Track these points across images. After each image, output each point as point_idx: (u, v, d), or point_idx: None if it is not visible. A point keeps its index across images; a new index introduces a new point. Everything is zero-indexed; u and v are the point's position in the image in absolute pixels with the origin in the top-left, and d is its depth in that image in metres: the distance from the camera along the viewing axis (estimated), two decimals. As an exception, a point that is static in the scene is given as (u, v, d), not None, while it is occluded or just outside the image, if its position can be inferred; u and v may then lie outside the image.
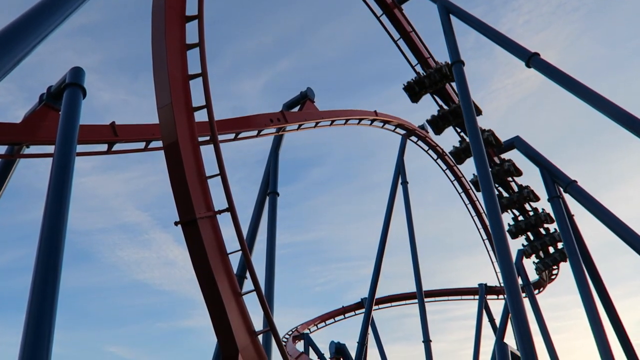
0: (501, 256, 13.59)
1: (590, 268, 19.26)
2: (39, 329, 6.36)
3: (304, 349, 30.32)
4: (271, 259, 18.54)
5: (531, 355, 11.91)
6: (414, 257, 30.24)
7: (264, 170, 21.67)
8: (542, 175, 20.24)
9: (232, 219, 9.23)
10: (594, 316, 16.41)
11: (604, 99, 14.86)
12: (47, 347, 6.30)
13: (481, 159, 15.42)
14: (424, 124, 32.92)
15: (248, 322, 8.96)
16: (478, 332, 32.89)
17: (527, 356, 11.85)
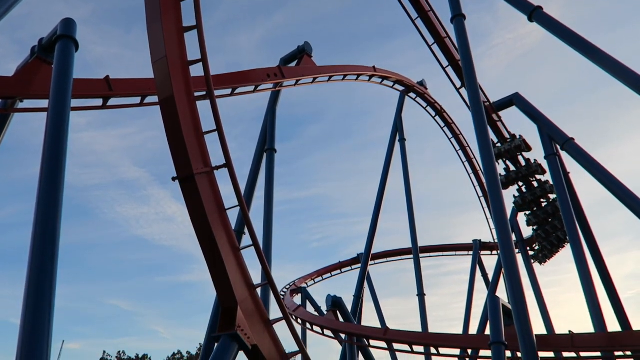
0: (496, 213, 13.76)
1: (583, 225, 19.54)
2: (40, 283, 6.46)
3: (302, 302, 31.04)
4: (269, 215, 18.71)
5: (522, 308, 12.25)
6: (410, 213, 30.58)
7: (261, 127, 21.53)
8: (539, 133, 20.22)
9: (230, 175, 9.24)
10: (584, 271, 16.78)
11: (605, 54, 14.68)
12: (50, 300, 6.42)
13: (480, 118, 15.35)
14: (422, 80, 32.61)
15: (246, 276, 9.14)
16: (471, 287, 33.71)
17: (518, 309, 12.19)
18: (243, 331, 8.48)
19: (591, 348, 13.66)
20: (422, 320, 27.43)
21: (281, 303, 10.18)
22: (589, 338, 13.77)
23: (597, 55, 14.82)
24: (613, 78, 14.43)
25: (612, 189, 16.50)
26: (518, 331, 11.96)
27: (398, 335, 17.57)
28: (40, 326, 6.17)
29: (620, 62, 14.36)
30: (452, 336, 17.40)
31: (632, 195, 15.78)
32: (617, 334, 15.11)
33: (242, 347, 8.57)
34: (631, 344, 13.80)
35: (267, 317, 9.54)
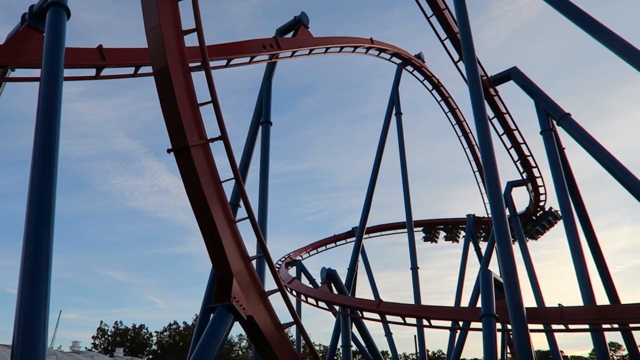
0: (490, 187, 13.83)
1: (576, 200, 19.71)
2: (37, 253, 6.47)
3: (297, 274, 31.44)
4: (264, 188, 18.70)
5: (513, 282, 12.45)
6: (404, 187, 30.71)
7: (257, 99, 21.32)
8: (536, 108, 20.19)
9: (225, 147, 9.19)
10: (575, 246, 17.01)
11: (604, 27, 14.58)
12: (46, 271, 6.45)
13: (477, 92, 15.27)
14: (420, 53, 32.27)
15: (242, 248, 9.20)
16: (464, 260, 34.21)
17: (509, 282, 12.39)
18: (238, 302, 8.58)
19: (579, 321, 13.95)
20: (415, 293, 27.86)
21: (276, 275, 10.28)
22: (577, 311, 14.04)
23: (596, 28, 14.72)
24: (611, 52, 14.37)
25: (606, 164, 16.58)
26: (509, 304, 12.19)
27: (391, 308, 17.88)
28: (37, 296, 6.21)
29: (618, 36, 14.26)
30: (444, 308, 17.70)
31: (626, 171, 15.87)
32: (605, 308, 15.40)
33: (238, 318, 8.69)
34: (618, 317, 14.10)
35: (263, 288, 9.65)
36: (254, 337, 9.31)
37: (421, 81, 32.34)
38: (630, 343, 17.63)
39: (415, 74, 31.99)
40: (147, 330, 59.96)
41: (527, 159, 26.38)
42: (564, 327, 13.90)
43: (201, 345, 8.17)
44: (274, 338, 9.30)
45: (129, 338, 58.04)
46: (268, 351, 9.31)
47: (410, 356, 67.82)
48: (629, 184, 15.51)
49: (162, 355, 55.93)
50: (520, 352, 11.66)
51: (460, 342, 23.01)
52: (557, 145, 19.74)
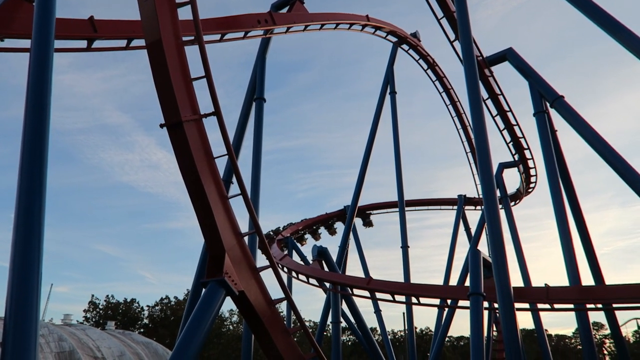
0: (482, 168, 13.92)
1: (566, 182, 19.92)
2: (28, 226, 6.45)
3: (288, 252, 31.66)
4: (257, 165, 18.68)
5: (501, 262, 12.64)
6: (397, 167, 30.80)
7: (251, 75, 21.12)
8: (530, 89, 20.20)
9: (219, 123, 9.14)
10: (563, 227, 17.23)
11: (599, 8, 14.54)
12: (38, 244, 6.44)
13: (472, 72, 15.23)
14: (416, 32, 32.00)
15: (234, 224, 9.24)
16: (454, 240, 34.58)
17: (498, 262, 12.59)
18: (230, 277, 8.66)
19: (564, 300, 14.25)
20: (405, 271, 28.22)
21: (268, 251, 10.37)
22: (562, 291, 14.34)
23: (591, 9, 14.68)
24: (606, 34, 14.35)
25: (597, 147, 16.68)
26: (496, 283, 12.40)
27: (381, 285, 18.11)
28: (29, 269, 6.22)
29: (614, 18, 14.23)
30: (433, 287, 17.98)
31: (616, 155, 15.99)
32: (590, 288, 15.72)
33: (230, 293, 8.77)
34: (602, 297, 14.43)
35: (254, 264, 9.73)
36: (246, 312, 9.43)
37: (416, 60, 32.14)
38: (613, 323, 18.08)
39: (410, 53, 31.76)
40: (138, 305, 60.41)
41: (520, 140, 26.46)
42: (550, 307, 14.19)
43: (193, 320, 8.27)
44: (265, 313, 9.43)
45: (120, 312, 58.44)
46: (259, 326, 9.44)
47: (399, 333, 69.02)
48: (618, 167, 15.65)
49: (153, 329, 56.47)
50: (506, 330, 11.92)
51: (447, 320, 23.43)
52: (550, 128, 19.82)
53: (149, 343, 35.67)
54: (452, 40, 22.96)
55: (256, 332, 9.68)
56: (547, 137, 19.15)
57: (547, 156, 18.82)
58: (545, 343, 25.70)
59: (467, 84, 15.20)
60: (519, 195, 33.44)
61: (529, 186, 31.99)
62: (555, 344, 65.83)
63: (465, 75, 15.38)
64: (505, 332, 11.95)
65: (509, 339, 11.85)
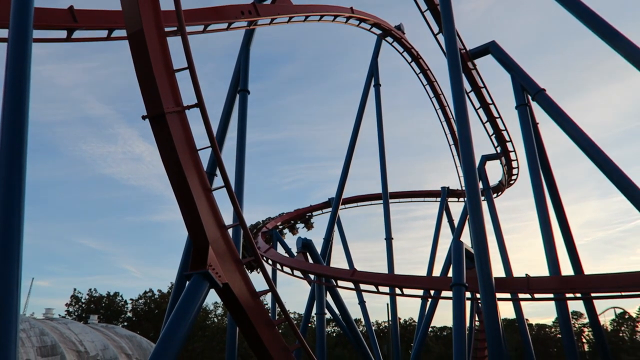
0: (465, 161, 14.06)
1: (547, 174, 20.23)
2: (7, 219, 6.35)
3: (272, 244, 31.66)
4: (241, 157, 18.62)
5: (483, 253, 12.83)
6: (381, 159, 30.95)
7: (234, 67, 20.99)
8: (512, 82, 20.39)
9: (202, 114, 9.06)
10: (544, 218, 17.53)
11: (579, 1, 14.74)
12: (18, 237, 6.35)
13: (455, 65, 15.33)
14: (400, 25, 32.05)
15: (218, 217, 9.20)
16: (437, 231, 34.96)
17: (480, 253, 12.78)
18: (214, 270, 8.64)
19: (544, 290, 14.50)
20: (389, 263, 28.47)
21: (252, 243, 10.37)
22: (543, 281, 14.59)
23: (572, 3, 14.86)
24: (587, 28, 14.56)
25: (577, 140, 16.93)
26: (478, 274, 12.59)
27: (365, 277, 18.24)
28: (8, 263, 6.13)
29: (595, 13, 14.43)
30: (416, 277, 18.16)
31: (596, 148, 16.26)
32: (569, 278, 16.05)
33: (214, 285, 8.76)
34: (581, 287, 14.74)
35: (238, 256, 9.71)
36: (230, 305, 9.43)
37: (400, 53, 32.22)
38: (592, 312, 18.49)
39: (394, 45, 31.82)
40: (121, 298, 59.88)
41: (502, 133, 26.77)
42: (530, 296, 14.44)
43: (177, 312, 8.24)
44: (249, 305, 9.43)
45: (103, 305, 57.91)
46: (243, 318, 9.45)
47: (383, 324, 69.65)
48: (598, 160, 15.92)
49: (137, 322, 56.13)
50: (488, 320, 12.13)
51: (431, 311, 23.75)
52: (531, 120, 20.08)
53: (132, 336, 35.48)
54: (435, 33, 23.08)
55: (240, 324, 9.69)
56: (529, 130, 19.40)
57: (529, 148, 19.08)
58: (526, 332, 26.20)
59: (450, 77, 15.32)
60: (501, 187, 33.89)
61: (510, 178, 32.41)
62: (535, 333, 67.01)
63: (449, 68, 15.48)
64: (487, 322, 12.16)
65: (490, 329, 12.06)
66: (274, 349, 9.68)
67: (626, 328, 69.53)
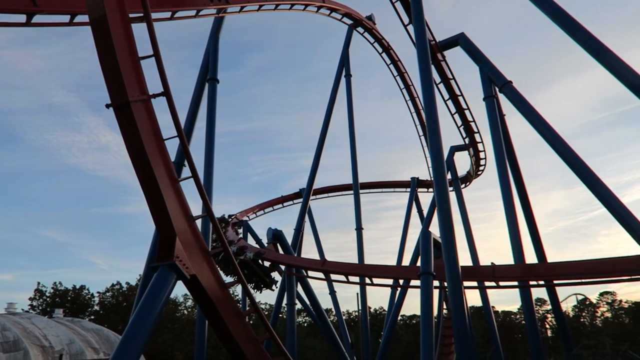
0: (433, 151, 14.24)
1: (513, 165, 20.70)
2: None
3: (243, 235, 31.47)
4: (210, 147, 18.40)
5: (451, 242, 13.07)
6: (352, 149, 31.07)
7: (203, 55, 20.66)
8: (480, 74, 20.71)
9: (168, 104, 8.87)
10: (510, 208, 17.96)
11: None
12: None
13: (424, 56, 15.45)
14: (371, 15, 32.07)
15: (185, 208, 9.06)
16: (407, 222, 35.41)
17: (447, 242, 13.01)
18: (181, 261, 8.51)
19: (509, 278, 14.91)
20: (359, 253, 28.70)
21: (221, 234, 10.26)
22: (507, 269, 14.99)
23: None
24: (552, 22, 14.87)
25: (542, 132, 17.37)
26: (445, 263, 12.83)
27: (335, 267, 18.36)
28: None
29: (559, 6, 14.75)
30: (385, 267, 18.38)
31: (560, 139, 16.71)
32: (533, 265, 16.54)
33: (181, 277, 8.64)
34: (544, 274, 15.20)
35: (207, 248, 9.60)
36: (198, 296, 9.32)
37: (371, 43, 32.27)
38: (554, 298, 19.11)
39: (365, 36, 31.85)
40: (88, 291, 58.55)
41: (470, 124, 27.19)
42: (495, 284, 14.81)
43: (143, 305, 8.11)
44: (217, 297, 9.35)
45: (69, 299, 56.54)
46: (212, 310, 9.36)
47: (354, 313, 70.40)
48: (562, 151, 16.37)
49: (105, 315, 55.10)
50: (454, 307, 12.38)
51: (400, 299, 24.09)
52: (498, 112, 20.46)
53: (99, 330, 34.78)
54: (406, 24, 23.18)
55: (209, 316, 9.60)
56: (496, 121, 19.78)
57: (496, 140, 19.46)
58: (492, 319, 26.92)
59: (420, 68, 15.44)
60: (469, 177, 34.50)
61: (478, 169, 33.02)
62: (501, 320, 68.85)
63: (418, 59, 15.61)
64: (454, 309, 12.41)
65: (456, 316, 12.32)
66: (243, 340, 9.65)
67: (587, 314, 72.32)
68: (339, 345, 24.25)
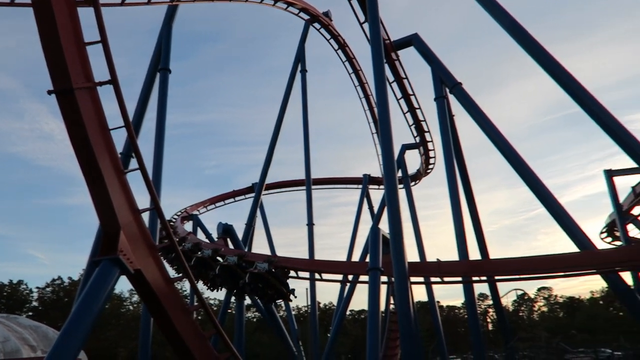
0: (384, 149, 14.48)
1: (461, 164, 21.36)
2: None
3: (193, 229, 30.93)
4: (160, 139, 17.92)
5: (399, 238, 13.36)
6: (305, 145, 31.09)
7: (155, 44, 20.10)
8: (432, 75, 21.18)
9: (115, 92, 8.58)
10: (456, 206, 18.52)
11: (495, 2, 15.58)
12: None
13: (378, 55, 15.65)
14: (328, 11, 32.14)
15: (131, 200, 8.80)
16: (357, 218, 35.87)
17: (395, 238, 13.29)
18: (125, 255, 8.27)
19: (454, 274, 15.40)
20: (310, 248, 28.79)
21: (167, 228, 10.04)
22: (452, 265, 15.47)
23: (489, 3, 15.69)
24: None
25: (489, 133, 17.97)
26: (393, 258, 13.09)
27: (284, 262, 18.32)
28: None
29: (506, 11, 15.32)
30: (335, 262, 18.53)
31: (505, 141, 17.34)
32: (476, 262, 17.16)
33: (124, 272, 8.39)
34: (486, 270, 15.83)
35: (152, 242, 9.36)
36: (142, 292, 9.10)
37: (327, 40, 32.34)
38: (495, 293, 19.92)
39: (322, 32, 31.89)
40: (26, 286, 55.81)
41: (421, 123, 27.76)
42: (441, 280, 15.26)
43: (83, 300, 7.83)
44: (163, 292, 9.15)
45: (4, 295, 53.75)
46: (157, 305, 9.16)
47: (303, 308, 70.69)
48: (506, 152, 17.01)
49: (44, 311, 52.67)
50: (400, 302, 12.68)
51: (349, 295, 24.40)
52: (448, 112, 21.02)
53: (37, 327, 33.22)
54: (361, 22, 23.35)
55: (153, 311, 9.38)
56: (446, 122, 20.32)
57: (445, 139, 20.00)
58: (437, 313, 27.74)
59: (374, 66, 15.65)
60: (419, 175, 35.29)
61: (428, 167, 33.82)
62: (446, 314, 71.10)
63: (372, 57, 15.80)
64: (399, 304, 12.70)
65: (401, 310, 12.61)
66: (189, 336, 9.50)
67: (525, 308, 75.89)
68: (287, 340, 24.33)
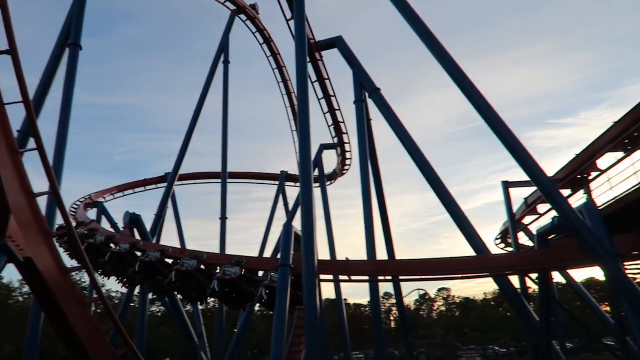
0: (302, 147, 14.59)
1: (375, 167, 22.06)
2: None
3: (97, 217, 29.19)
4: (65, 118, 16.70)
5: (310, 236, 13.53)
6: (224, 137, 30.54)
7: (66, 17, 18.71)
8: (354, 78, 21.62)
9: (14, 63, 7.87)
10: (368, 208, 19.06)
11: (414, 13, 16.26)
12: None
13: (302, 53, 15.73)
14: (255, 4, 31.79)
15: (25, 183, 8.11)
16: (272, 214, 35.89)
17: (306, 236, 13.45)
18: (15, 242, 7.58)
19: (361, 273, 15.85)
20: (222, 243, 28.33)
21: (65, 214, 9.38)
22: (360, 264, 15.91)
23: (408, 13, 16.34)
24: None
25: (402, 139, 18.65)
26: (303, 256, 13.24)
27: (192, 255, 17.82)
28: None
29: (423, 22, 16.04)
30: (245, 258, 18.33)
31: (417, 148, 18.09)
32: (383, 262, 17.81)
33: (12, 259, 7.70)
34: (392, 270, 16.51)
35: (47, 228, 8.69)
36: (32, 281, 8.41)
37: (253, 33, 32.01)
38: (399, 293, 20.81)
39: (248, 24, 31.49)
40: None
41: (340, 125, 28.29)
42: (348, 278, 15.64)
43: (-39, 289, 7.09)
44: (56, 282, 8.53)
45: None
46: (48, 296, 8.51)
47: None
48: (417, 159, 17.75)
49: None
50: (307, 299, 12.84)
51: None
52: (366, 116, 21.58)
53: None
54: (288, 19, 23.31)
55: (44, 303, 8.71)
56: (363, 125, 20.84)
57: (361, 142, 20.52)
58: (343, 311, 28.42)
59: (297, 64, 15.70)
60: (335, 175, 35.97)
61: (344, 168, 34.56)
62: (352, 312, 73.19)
63: (296, 54, 15.85)
64: (306, 301, 12.85)
65: (308, 307, 12.77)
66: (82, 331, 8.93)
67: (426, 307, 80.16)
68: (191, 335, 23.76)
